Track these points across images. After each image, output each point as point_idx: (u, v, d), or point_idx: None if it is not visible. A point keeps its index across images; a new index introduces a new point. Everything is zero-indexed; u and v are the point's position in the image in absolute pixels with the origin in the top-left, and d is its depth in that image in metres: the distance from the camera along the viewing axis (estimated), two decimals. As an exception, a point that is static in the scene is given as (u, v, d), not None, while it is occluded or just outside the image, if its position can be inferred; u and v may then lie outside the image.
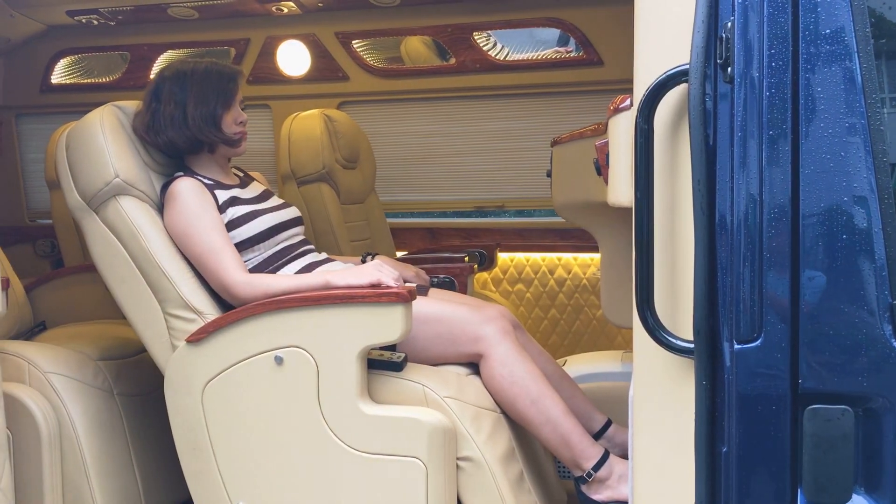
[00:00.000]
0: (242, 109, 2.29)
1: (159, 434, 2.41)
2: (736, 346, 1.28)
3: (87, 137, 2.13)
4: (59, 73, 4.21)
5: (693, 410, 1.36)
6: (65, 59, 4.18)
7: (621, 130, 1.58)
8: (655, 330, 1.38)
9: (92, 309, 2.86)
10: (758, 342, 1.27)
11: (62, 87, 4.21)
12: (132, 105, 2.27)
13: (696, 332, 1.31)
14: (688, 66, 1.32)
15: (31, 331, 2.73)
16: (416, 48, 3.99)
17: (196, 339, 2.00)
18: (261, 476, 1.97)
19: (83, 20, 3.76)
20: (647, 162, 1.38)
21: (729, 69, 1.29)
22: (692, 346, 1.34)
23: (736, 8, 1.29)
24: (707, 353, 1.31)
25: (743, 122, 1.28)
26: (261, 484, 1.97)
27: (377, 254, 2.74)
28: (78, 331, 2.63)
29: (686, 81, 1.34)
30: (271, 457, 1.96)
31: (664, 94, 1.37)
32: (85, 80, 4.25)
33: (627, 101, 1.59)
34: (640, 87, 1.40)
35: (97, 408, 2.26)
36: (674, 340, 1.37)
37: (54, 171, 3.56)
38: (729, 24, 1.29)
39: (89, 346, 2.41)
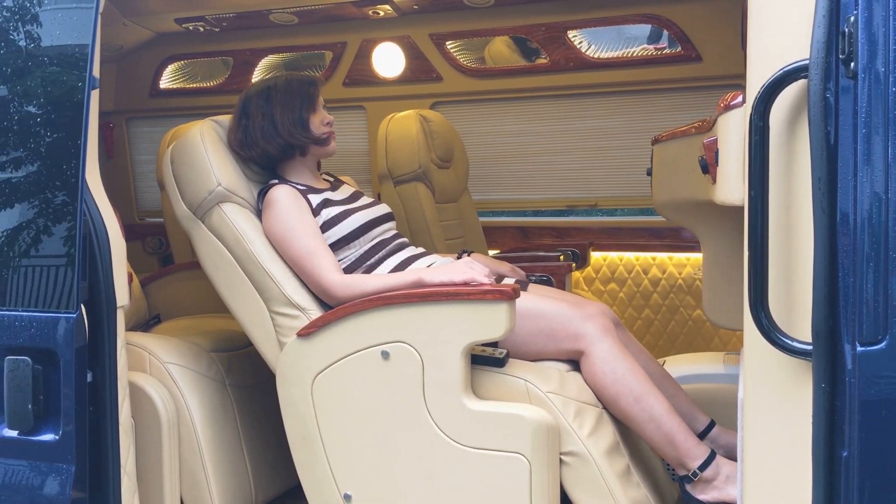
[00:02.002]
0: (326, 112, 2.40)
1: (267, 424, 2.52)
2: (859, 349, 1.25)
3: (190, 151, 2.27)
4: (167, 79, 4.41)
5: (808, 413, 1.34)
6: (171, 65, 4.38)
7: (732, 128, 1.56)
8: (770, 331, 1.36)
9: (202, 303, 3.00)
10: (882, 345, 1.24)
11: (170, 92, 4.41)
12: (227, 119, 2.41)
13: (815, 333, 1.29)
14: (807, 62, 1.30)
15: (147, 323, 2.89)
16: (500, 50, 4.00)
17: (306, 333, 2.07)
18: (367, 467, 2.03)
19: (190, 27, 3.93)
20: (762, 160, 1.36)
21: (852, 64, 1.26)
22: (810, 347, 1.31)
23: (860, 2, 1.26)
24: (826, 356, 1.29)
25: (867, 118, 1.25)
26: (367, 474, 2.03)
27: (472, 251, 2.78)
28: (190, 324, 2.77)
29: (804, 77, 1.32)
30: (377, 448, 2.01)
31: (780, 91, 1.35)
32: (190, 85, 4.44)
33: (739, 98, 1.56)
34: (755, 83, 1.38)
35: (211, 397, 2.37)
36: (790, 342, 1.35)
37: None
38: (852, 19, 1.26)
39: (202, 338, 2.53)
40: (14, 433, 1.84)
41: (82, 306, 1.82)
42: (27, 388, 1.80)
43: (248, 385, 2.53)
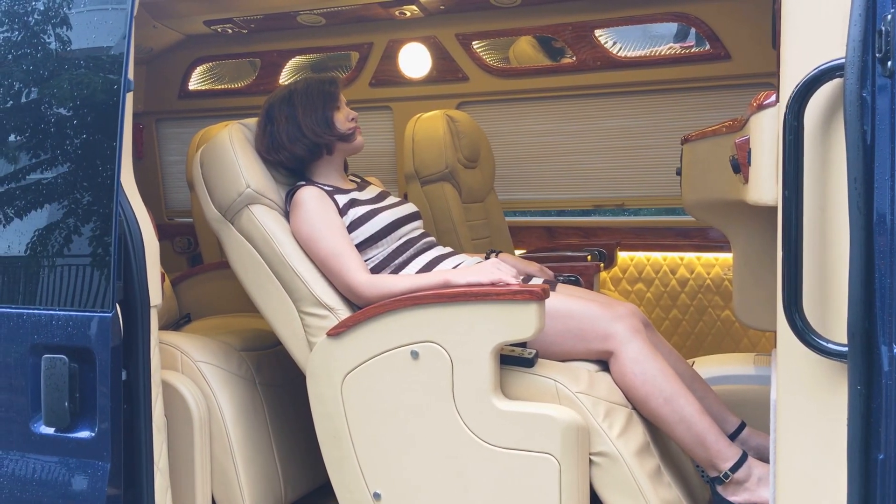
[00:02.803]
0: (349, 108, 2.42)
1: (296, 422, 2.54)
2: (895, 351, 1.24)
3: (219, 154, 2.30)
4: (195, 80, 4.46)
5: (843, 415, 1.33)
6: (200, 67, 4.42)
7: (766, 127, 1.55)
8: (805, 333, 1.35)
9: (231, 302, 3.03)
10: (920, 346, 1.22)
11: (199, 93, 4.46)
12: (255, 121, 2.43)
13: (851, 335, 1.28)
14: (842, 61, 1.29)
15: (178, 322, 2.92)
16: (524, 50, 3.99)
17: (336, 333, 2.09)
18: (396, 465, 2.04)
19: (218, 29, 3.97)
20: (797, 159, 1.35)
21: (889, 63, 1.25)
22: (845, 349, 1.30)
23: (897, 0, 1.25)
24: (862, 358, 1.27)
25: (905, 118, 1.23)
26: (396, 473, 2.04)
27: (500, 251, 2.78)
28: (220, 323, 2.80)
29: (840, 76, 1.30)
30: (407, 447, 2.02)
31: (815, 90, 1.34)
32: (218, 87, 4.48)
33: (772, 98, 1.55)
34: (789, 82, 1.37)
35: (241, 396, 2.40)
36: (825, 344, 1.34)
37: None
38: (888, 17, 1.25)
39: (232, 337, 2.56)
40: (51, 430, 1.88)
41: (117, 306, 1.84)
42: (64, 386, 1.83)
43: (277, 384, 2.56)
